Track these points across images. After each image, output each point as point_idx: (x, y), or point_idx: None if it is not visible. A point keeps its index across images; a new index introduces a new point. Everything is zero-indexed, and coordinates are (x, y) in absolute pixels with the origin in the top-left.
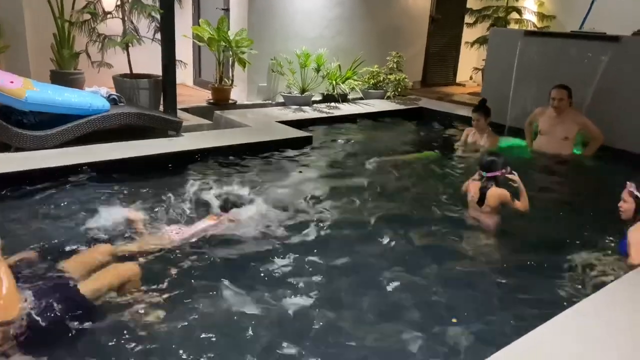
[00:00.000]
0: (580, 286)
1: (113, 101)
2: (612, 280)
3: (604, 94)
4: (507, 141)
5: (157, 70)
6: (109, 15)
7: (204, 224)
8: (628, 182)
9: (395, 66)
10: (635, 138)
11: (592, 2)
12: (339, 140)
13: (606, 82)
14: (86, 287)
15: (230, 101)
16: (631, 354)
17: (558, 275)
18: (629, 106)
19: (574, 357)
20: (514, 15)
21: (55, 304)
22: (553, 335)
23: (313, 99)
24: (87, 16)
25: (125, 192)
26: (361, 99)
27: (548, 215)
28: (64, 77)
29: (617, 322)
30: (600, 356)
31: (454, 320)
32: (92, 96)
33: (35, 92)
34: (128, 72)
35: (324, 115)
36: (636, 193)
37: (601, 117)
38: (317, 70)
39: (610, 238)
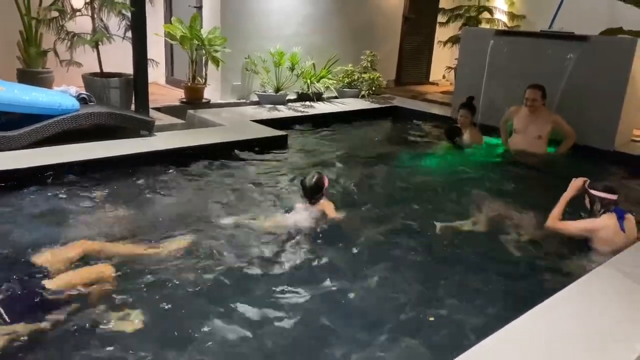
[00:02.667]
0: (550, 281)
1: (83, 100)
2: (583, 274)
3: (572, 92)
4: (487, 139)
5: (128, 69)
6: (77, 13)
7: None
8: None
9: (369, 65)
10: (603, 136)
11: (561, 2)
12: (314, 139)
13: (575, 80)
14: (55, 283)
15: (203, 100)
16: (598, 345)
17: (530, 270)
18: (596, 104)
19: (545, 348)
20: (486, 14)
21: (22, 299)
22: (528, 328)
23: (288, 97)
24: (55, 13)
25: (96, 193)
26: (336, 97)
27: (522, 212)
28: (31, 75)
29: (586, 314)
30: (568, 347)
31: (430, 318)
32: (61, 95)
33: (1, 91)
34: (98, 70)
35: (299, 114)
36: (589, 190)
37: (570, 114)
38: (292, 69)
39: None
